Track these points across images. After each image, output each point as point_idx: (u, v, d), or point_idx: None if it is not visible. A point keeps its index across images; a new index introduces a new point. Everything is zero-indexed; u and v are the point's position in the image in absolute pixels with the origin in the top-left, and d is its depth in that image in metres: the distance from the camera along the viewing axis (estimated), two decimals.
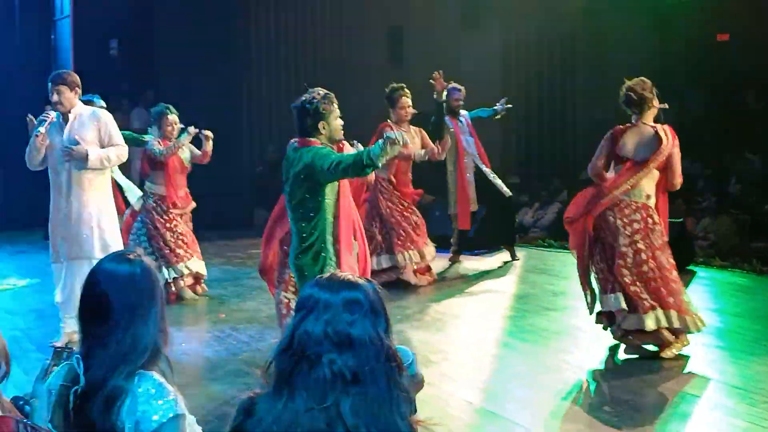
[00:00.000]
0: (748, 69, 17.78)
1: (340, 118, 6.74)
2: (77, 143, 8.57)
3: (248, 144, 18.31)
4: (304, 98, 6.61)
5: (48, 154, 8.71)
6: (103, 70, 18.43)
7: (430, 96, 11.83)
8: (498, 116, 13.16)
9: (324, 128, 6.53)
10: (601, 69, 18.14)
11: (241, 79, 18.03)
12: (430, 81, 11.65)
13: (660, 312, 7.92)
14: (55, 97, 8.77)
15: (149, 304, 3.39)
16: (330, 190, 6.54)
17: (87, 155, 8.55)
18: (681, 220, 12.44)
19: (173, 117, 10.87)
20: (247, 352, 8.43)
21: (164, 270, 10.55)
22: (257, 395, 2.94)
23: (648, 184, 8.14)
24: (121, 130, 9.15)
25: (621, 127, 8.27)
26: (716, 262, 12.41)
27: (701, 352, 8.16)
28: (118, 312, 3.33)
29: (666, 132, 8.18)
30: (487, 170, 12.65)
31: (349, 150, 7.06)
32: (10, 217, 17.56)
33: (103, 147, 8.62)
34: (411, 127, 11.34)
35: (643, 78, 8.30)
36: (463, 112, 12.61)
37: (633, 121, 8.25)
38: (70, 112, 8.71)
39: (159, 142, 10.84)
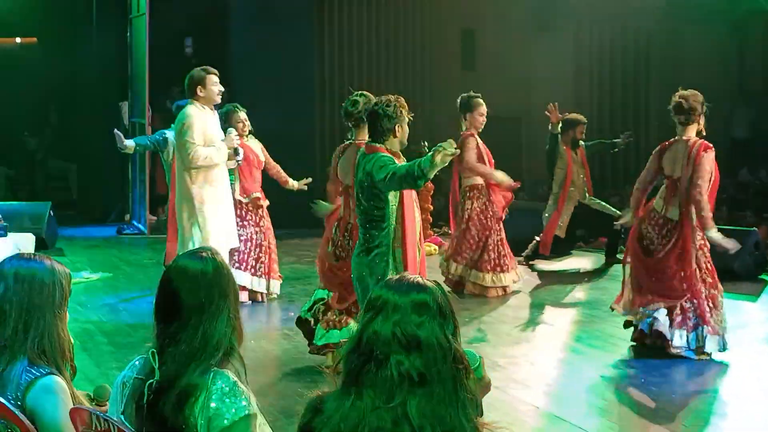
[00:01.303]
0: None
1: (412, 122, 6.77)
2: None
3: (320, 145, 18.38)
4: (377, 101, 6.62)
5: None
6: (178, 68, 18.65)
7: (502, 100, 11.85)
8: (616, 150, 13.20)
9: (397, 134, 6.51)
10: (676, 74, 17.99)
11: (313, 79, 18.10)
12: (546, 113, 11.87)
13: None
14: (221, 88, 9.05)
15: (220, 302, 3.42)
16: (393, 197, 6.54)
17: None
18: (753, 228, 12.31)
19: (242, 115, 10.90)
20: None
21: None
22: (326, 394, 2.98)
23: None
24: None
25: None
26: None
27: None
28: (189, 309, 3.38)
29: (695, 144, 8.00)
30: (592, 200, 12.88)
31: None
32: (84, 211, 17.82)
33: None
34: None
35: (695, 91, 8.14)
36: (583, 144, 12.73)
37: (678, 133, 8.16)
38: None
39: None
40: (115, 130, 12.11)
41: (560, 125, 12.25)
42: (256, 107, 11.23)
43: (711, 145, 7.96)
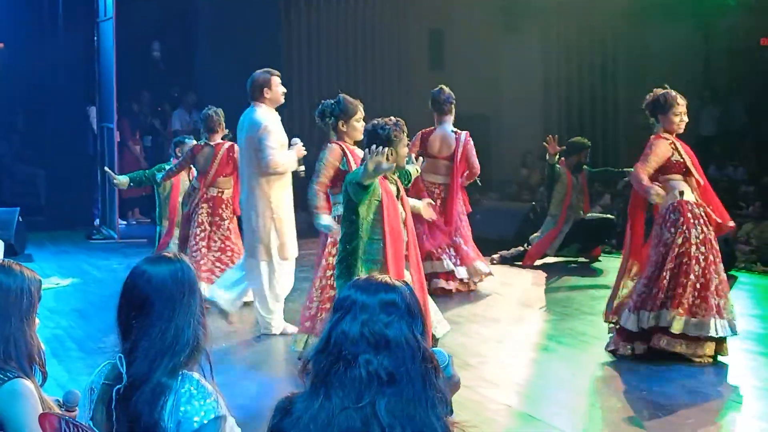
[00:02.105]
0: None
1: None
2: None
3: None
4: (375, 123, 6.62)
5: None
6: (145, 72, 18.61)
7: (470, 99, 11.88)
8: (627, 179, 13.26)
9: (392, 155, 6.49)
10: (642, 73, 18.10)
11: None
12: (544, 143, 12.04)
13: None
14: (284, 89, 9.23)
15: (190, 299, 3.44)
16: (365, 210, 6.41)
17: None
18: None
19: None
20: (287, 353, 8.46)
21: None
22: (295, 395, 2.98)
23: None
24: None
25: None
26: (758, 267, 12.33)
27: (741, 358, 8.11)
28: (161, 304, 3.39)
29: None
30: (587, 216, 13.08)
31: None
32: (52, 217, 17.72)
33: None
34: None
35: (669, 90, 8.19)
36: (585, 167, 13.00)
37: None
38: None
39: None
40: (106, 168, 12.23)
41: (560, 151, 12.67)
42: (225, 110, 11.18)
43: (663, 137, 8.05)
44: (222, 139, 10.79)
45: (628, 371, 7.85)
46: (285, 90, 9.12)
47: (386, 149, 6.17)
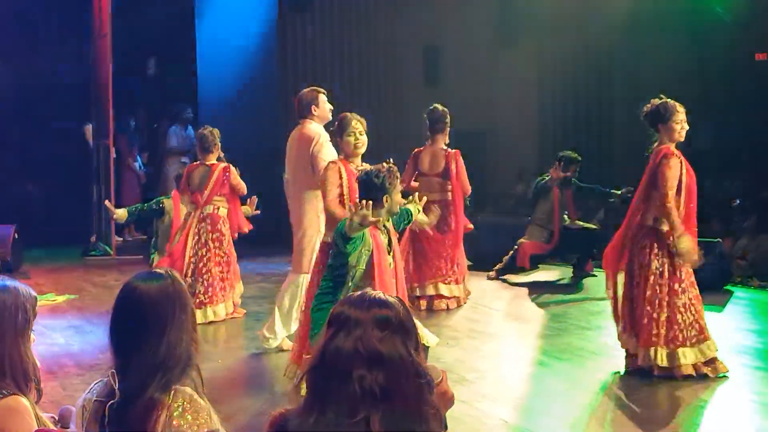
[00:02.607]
0: None
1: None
2: None
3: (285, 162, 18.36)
4: (369, 171, 6.67)
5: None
6: (141, 89, 18.64)
7: (466, 116, 11.93)
8: (612, 200, 13.24)
9: (386, 202, 6.55)
10: (637, 88, 18.12)
11: (277, 97, 18.11)
12: (551, 171, 12.58)
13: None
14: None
15: (181, 315, 3.45)
16: (355, 259, 6.49)
17: None
18: (718, 240, 12.39)
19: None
20: (283, 369, 8.44)
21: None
22: (289, 411, 2.99)
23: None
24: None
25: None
26: (754, 282, 12.34)
27: (739, 373, 8.11)
28: (153, 321, 3.39)
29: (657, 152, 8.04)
30: (572, 225, 13.07)
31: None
32: (48, 233, 17.71)
33: None
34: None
35: (668, 99, 8.16)
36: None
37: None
38: None
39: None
40: (106, 202, 12.34)
41: (562, 178, 12.75)
42: (221, 127, 11.22)
43: (673, 152, 7.99)
44: (217, 159, 10.85)
45: (625, 386, 7.86)
46: (332, 107, 9.18)
47: (368, 203, 6.20)
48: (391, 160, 7.50)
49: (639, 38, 18.63)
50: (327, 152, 8.83)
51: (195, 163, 11.04)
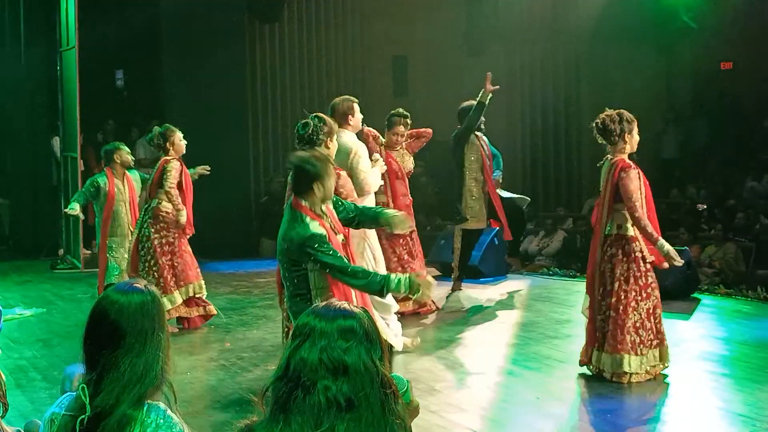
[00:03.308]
0: (748, 96, 17.88)
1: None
2: None
3: (254, 174, 18.37)
4: (301, 157, 6.61)
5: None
6: (109, 101, 18.57)
7: (435, 125, 11.96)
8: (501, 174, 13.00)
9: (319, 190, 6.48)
10: (605, 96, 18.19)
11: (246, 108, 18.10)
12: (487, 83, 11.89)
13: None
14: None
15: (159, 332, 3.41)
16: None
17: None
18: (685, 248, 12.46)
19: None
20: (251, 381, 8.44)
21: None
22: (254, 422, 2.98)
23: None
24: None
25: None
26: (721, 289, 12.40)
27: (706, 380, 8.17)
28: (132, 337, 3.35)
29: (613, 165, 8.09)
30: (499, 190, 12.62)
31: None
32: (16, 246, 17.65)
33: None
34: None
35: (621, 111, 8.20)
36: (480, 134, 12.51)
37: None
38: None
39: None
40: (65, 210, 12.36)
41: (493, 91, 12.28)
42: (190, 136, 11.20)
43: (630, 164, 8.04)
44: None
45: (593, 394, 7.89)
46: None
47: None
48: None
49: (607, 47, 18.76)
50: (365, 164, 9.08)
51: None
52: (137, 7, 17.68)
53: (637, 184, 7.93)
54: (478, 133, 12.20)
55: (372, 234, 9.12)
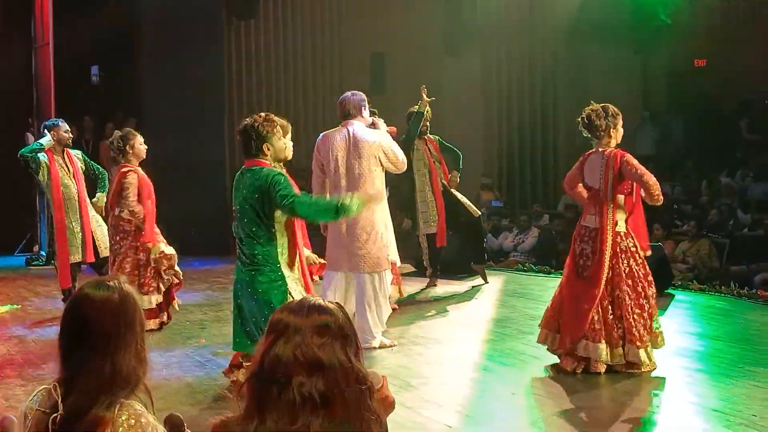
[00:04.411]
0: (723, 94, 17.96)
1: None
2: None
3: (230, 170, 18.33)
4: (245, 122, 7.00)
5: None
6: (84, 97, 18.49)
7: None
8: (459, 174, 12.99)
9: (268, 149, 6.84)
10: (582, 94, 18.26)
11: (222, 106, 18.07)
12: (423, 95, 11.91)
13: None
14: None
15: (127, 333, 3.36)
16: (281, 213, 6.89)
17: None
18: (659, 243, 12.52)
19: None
20: (227, 378, 8.42)
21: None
22: (230, 419, 2.99)
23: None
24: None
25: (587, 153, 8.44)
26: (694, 285, 12.47)
27: (679, 375, 8.21)
28: (96, 339, 3.32)
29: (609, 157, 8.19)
30: (454, 191, 12.69)
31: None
32: None
33: None
34: None
35: (606, 105, 8.30)
36: (432, 137, 12.66)
37: (594, 145, 8.36)
38: None
39: None
40: None
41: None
42: (166, 134, 11.19)
43: (626, 152, 8.17)
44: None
45: (567, 388, 7.92)
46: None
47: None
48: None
49: (583, 45, 18.80)
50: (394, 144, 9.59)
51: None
52: (114, 2, 17.61)
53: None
54: (430, 136, 12.61)
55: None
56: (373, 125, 9.69)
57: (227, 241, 17.24)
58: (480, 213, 13.14)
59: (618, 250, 8.19)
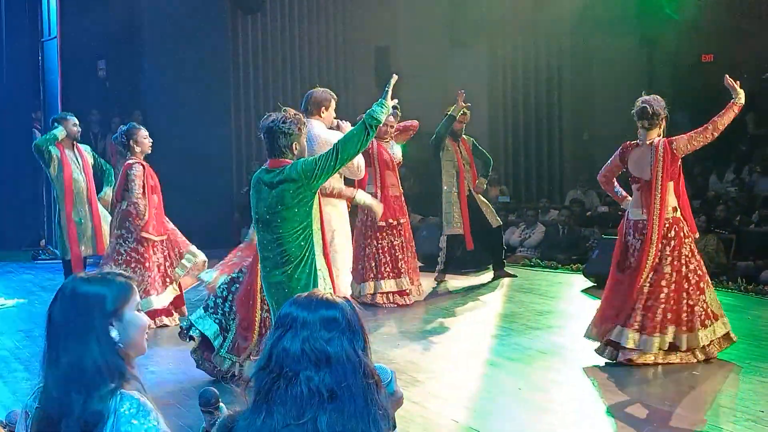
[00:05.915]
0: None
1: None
2: None
3: (236, 164, 18.35)
4: (274, 119, 6.64)
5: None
6: (91, 91, 18.47)
7: (417, 116, 12.03)
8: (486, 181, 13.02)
9: (296, 149, 6.57)
10: (587, 88, 18.26)
11: (228, 99, 18.07)
12: (457, 97, 12.14)
13: None
14: None
15: (83, 325, 3.26)
16: (316, 201, 6.56)
17: None
18: None
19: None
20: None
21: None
22: (237, 412, 2.99)
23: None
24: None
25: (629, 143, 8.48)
26: None
27: (687, 370, 8.20)
28: (52, 330, 3.28)
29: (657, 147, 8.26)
30: (480, 197, 12.73)
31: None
32: None
33: None
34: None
35: (657, 96, 8.40)
36: (466, 138, 12.68)
37: (640, 137, 8.39)
38: None
39: None
40: None
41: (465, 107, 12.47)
42: (171, 128, 11.17)
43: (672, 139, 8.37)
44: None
45: (575, 384, 7.92)
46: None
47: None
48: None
49: (590, 37, 18.77)
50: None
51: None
52: None
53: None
54: (464, 137, 12.66)
55: (341, 226, 8.89)
56: (337, 127, 9.40)
57: (233, 235, 17.35)
58: (501, 223, 13.14)
59: (670, 235, 8.23)
